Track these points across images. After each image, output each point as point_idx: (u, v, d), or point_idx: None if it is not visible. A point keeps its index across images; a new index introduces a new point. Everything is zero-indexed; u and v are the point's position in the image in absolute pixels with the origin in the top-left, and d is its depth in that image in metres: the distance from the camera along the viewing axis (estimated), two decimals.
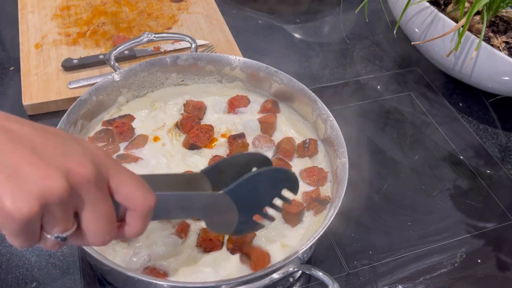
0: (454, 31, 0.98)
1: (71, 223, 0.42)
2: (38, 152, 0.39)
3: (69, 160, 0.40)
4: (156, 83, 0.92)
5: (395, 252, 0.83)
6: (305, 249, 0.65)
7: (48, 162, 0.39)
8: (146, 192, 0.45)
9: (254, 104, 0.92)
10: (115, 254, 0.69)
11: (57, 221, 0.41)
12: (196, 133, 0.84)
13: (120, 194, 0.44)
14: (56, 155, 0.40)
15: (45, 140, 0.40)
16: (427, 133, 1.04)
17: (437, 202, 0.91)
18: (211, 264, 0.69)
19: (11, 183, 0.37)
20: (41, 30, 1.13)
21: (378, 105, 1.09)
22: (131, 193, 0.44)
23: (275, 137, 0.87)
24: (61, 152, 0.40)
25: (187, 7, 1.24)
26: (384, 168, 0.96)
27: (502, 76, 0.99)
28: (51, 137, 0.41)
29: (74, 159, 0.40)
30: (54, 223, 0.40)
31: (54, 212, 0.39)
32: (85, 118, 0.83)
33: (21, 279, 0.75)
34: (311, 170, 0.81)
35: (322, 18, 1.35)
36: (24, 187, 0.37)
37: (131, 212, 0.45)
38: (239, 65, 0.92)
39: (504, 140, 1.06)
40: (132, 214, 0.46)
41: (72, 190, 0.40)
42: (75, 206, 0.41)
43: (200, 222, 0.74)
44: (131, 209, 0.45)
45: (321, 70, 1.17)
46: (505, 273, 0.82)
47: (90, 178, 0.41)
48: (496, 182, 0.96)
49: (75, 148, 0.42)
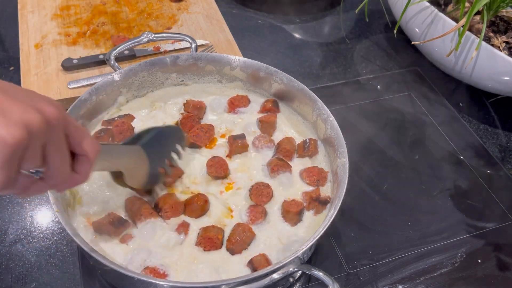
0: (454, 31, 0.98)
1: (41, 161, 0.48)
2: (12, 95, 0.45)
3: (38, 102, 0.47)
4: (156, 83, 0.92)
5: (395, 252, 0.83)
6: (305, 249, 0.65)
7: (24, 102, 0.45)
8: (94, 140, 0.54)
9: (254, 104, 0.92)
10: (115, 254, 0.69)
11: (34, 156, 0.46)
12: (197, 132, 0.84)
13: (75, 140, 0.51)
14: (27, 97, 0.47)
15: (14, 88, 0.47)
16: (427, 133, 1.04)
17: (437, 202, 0.91)
18: (211, 264, 0.69)
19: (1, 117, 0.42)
20: (41, 30, 1.13)
21: (378, 105, 1.09)
22: (84, 139, 0.52)
23: (275, 137, 0.87)
24: (29, 96, 0.47)
25: (187, 7, 1.24)
26: (384, 168, 0.96)
27: (502, 76, 0.99)
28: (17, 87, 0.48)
29: (42, 102, 0.47)
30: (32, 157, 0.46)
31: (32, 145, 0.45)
32: (85, 118, 0.82)
33: (21, 279, 0.75)
34: (311, 170, 0.81)
35: (322, 18, 1.35)
36: (11, 119, 0.43)
37: (82, 158, 0.53)
38: (239, 65, 0.92)
39: (504, 140, 1.06)
40: (83, 159, 0.53)
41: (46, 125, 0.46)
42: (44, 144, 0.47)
43: (199, 221, 0.74)
44: (83, 153, 0.52)
45: (321, 70, 1.17)
46: (505, 273, 0.82)
47: (59, 117, 0.48)
48: (496, 182, 0.96)
49: (39, 95, 0.49)
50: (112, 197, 0.75)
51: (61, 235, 0.80)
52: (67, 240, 0.80)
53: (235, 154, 0.83)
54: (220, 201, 0.77)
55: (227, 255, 0.71)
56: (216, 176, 0.79)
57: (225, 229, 0.73)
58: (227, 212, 0.76)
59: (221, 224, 0.74)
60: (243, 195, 0.78)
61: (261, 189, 0.77)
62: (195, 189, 0.78)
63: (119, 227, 0.71)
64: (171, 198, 0.75)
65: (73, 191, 0.76)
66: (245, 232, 0.72)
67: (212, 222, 0.74)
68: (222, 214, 0.75)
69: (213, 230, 0.71)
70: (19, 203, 0.84)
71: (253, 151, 0.85)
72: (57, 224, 0.82)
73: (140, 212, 0.72)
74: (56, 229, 0.81)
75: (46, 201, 0.85)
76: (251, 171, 0.82)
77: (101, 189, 0.76)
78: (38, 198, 0.85)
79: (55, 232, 0.81)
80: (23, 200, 0.85)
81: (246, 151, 0.84)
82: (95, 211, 0.74)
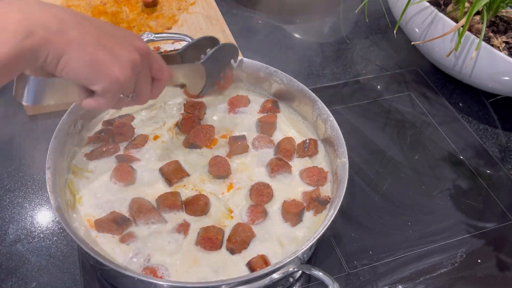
0: (454, 31, 0.98)
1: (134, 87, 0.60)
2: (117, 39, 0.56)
3: (133, 40, 0.58)
4: None
5: (395, 252, 0.83)
6: (305, 249, 0.65)
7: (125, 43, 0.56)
8: (167, 67, 0.64)
9: (254, 104, 0.92)
10: (115, 254, 0.69)
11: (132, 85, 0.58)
12: (197, 133, 0.84)
13: (155, 68, 0.62)
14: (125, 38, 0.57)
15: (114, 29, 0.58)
16: (427, 133, 1.04)
17: (437, 202, 0.91)
18: (211, 264, 0.70)
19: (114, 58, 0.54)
20: None
21: (378, 105, 1.09)
22: (160, 67, 0.63)
23: (275, 137, 0.87)
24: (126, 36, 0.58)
25: (187, 7, 1.24)
26: (384, 168, 0.96)
27: (502, 76, 0.99)
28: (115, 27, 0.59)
29: (135, 40, 0.58)
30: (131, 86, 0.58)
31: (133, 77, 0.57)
32: (85, 118, 0.83)
33: (21, 279, 0.75)
34: (311, 170, 0.81)
35: (322, 18, 1.35)
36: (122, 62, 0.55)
37: (157, 82, 0.64)
38: (239, 65, 0.92)
39: (504, 140, 1.06)
40: (158, 83, 0.64)
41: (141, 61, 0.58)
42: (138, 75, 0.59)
43: (200, 221, 0.74)
44: (159, 79, 0.64)
45: (321, 70, 1.17)
46: (505, 273, 0.82)
47: (148, 51, 0.60)
48: (496, 182, 0.96)
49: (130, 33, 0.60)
50: (113, 198, 0.75)
51: (61, 235, 0.80)
52: (67, 240, 0.80)
53: (235, 155, 0.83)
54: (221, 202, 0.77)
55: (227, 255, 0.71)
56: (218, 175, 0.79)
57: (225, 230, 0.73)
58: (227, 213, 0.76)
59: (221, 225, 0.74)
60: (243, 195, 0.78)
61: (261, 189, 0.77)
62: (199, 188, 0.78)
63: (122, 225, 0.71)
64: (173, 196, 0.75)
65: (73, 191, 0.76)
66: (245, 232, 0.72)
67: (212, 222, 0.74)
68: (222, 215, 0.76)
69: (213, 230, 0.72)
70: (19, 203, 0.84)
71: (253, 151, 0.85)
72: (57, 224, 0.82)
73: (140, 209, 0.72)
74: (56, 229, 0.81)
75: (46, 201, 0.85)
76: (251, 171, 0.82)
77: (102, 190, 0.76)
78: (38, 198, 0.85)
79: (55, 232, 0.81)
80: (23, 200, 0.85)
81: (246, 152, 0.84)
82: (95, 211, 0.74)
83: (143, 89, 0.62)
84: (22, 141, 0.93)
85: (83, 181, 0.77)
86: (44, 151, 0.73)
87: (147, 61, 0.60)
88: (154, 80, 0.64)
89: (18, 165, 0.90)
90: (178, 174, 0.78)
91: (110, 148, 0.81)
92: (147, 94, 0.63)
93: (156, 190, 0.77)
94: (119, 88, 0.56)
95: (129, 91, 0.59)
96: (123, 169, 0.77)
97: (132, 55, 0.56)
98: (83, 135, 0.83)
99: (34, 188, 0.87)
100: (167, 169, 0.78)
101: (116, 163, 0.80)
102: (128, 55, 0.56)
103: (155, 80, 0.64)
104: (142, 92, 0.62)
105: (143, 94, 0.62)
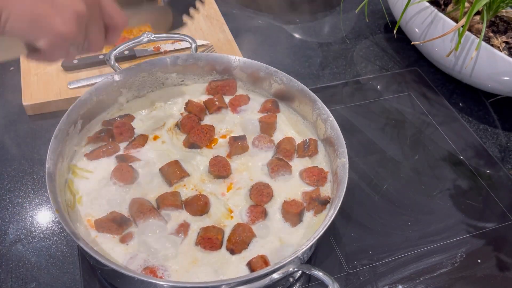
0: (454, 31, 0.98)
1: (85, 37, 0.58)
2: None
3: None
4: (156, 83, 0.92)
5: (395, 252, 0.83)
6: (305, 249, 0.65)
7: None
8: (122, 13, 0.62)
9: (255, 103, 0.92)
10: (115, 254, 0.69)
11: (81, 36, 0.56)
12: (197, 133, 0.84)
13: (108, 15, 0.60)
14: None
15: None
16: (427, 133, 1.04)
17: (437, 202, 0.91)
18: (211, 264, 0.69)
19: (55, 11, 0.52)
20: None
21: (378, 105, 1.09)
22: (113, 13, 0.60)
23: (275, 137, 0.87)
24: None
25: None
26: (384, 168, 0.96)
27: (502, 76, 0.99)
28: None
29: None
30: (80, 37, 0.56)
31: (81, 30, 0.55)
32: (85, 118, 0.82)
33: (21, 279, 0.75)
34: (311, 170, 0.81)
35: (322, 18, 1.35)
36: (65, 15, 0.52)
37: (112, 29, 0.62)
38: (239, 65, 0.92)
39: (504, 140, 1.06)
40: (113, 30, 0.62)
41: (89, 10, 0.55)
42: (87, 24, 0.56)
43: (200, 221, 0.74)
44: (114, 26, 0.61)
45: (321, 70, 1.17)
46: (505, 273, 0.82)
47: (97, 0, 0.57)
48: (496, 182, 0.96)
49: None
50: (113, 198, 0.75)
51: (61, 235, 0.80)
52: (67, 240, 0.80)
53: (235, 155, 0.83)
54: (221, 202, 0.77)
55: (227, 255, 0.71)
56: (218, 175, 0.79)
57: (225, 230, 0.73)
58: (227, 213, 0.76)
59: (221, 225, 0.74)
60: (243, 195, 0.78)
61: (261, 189, 0.77)
62: (199, 188, 0.78)
63: (122, 225, 0.71)
64: (173, 196, 0.75)
65: (73, 191, 0.76)
66: (245, 232, 0.72)
67: (212, 222, 0.74)
68: (222, 215, 0.76)
69: (213, 231, 0.72)
70: (19, 203, 0.84)
71: (253, 151, 0.85)
72: (57, 224, 0.82)
73: (140, 209, 0.72)
74: (56, 229, 0.81)
75: (46, 201, 0.85)
76: (251, 171, 0.82)
77: (102, 190, 0.76)
78: (38, 198, 0.85)
79: (55, 232, 0.81)
80: (23, 200, 0.85)
81: (247, 152, 0.84)
82: (95, 211, 0.74)
83: (96, 39, 0.60)
84: (22, 142, 0.93)
85: (83, 181, 0.77)
86: (44, 151, 0.73)
87: (96, 9, 0.58)
88: (108, 27, 0.62)
89: (18, 165, 0.90)
90: (178, 174, 0.78)
91: (110, 148, 0.81)
92: (101, 43, 0.61)
93: (156, 190, 0.77)
94: (64, 42, 0.54)
95: (79, 42, 0.57)
96: (123, 169, 0.77)
97: (76, 5, 0.53)
98: (83, 135, 0.83)
99: (34, 188, 0.87)
100: (167, 169, 0.78)
101: (116, 163, 0.80)
102: (72, 6, 0.53)
103: (109, 27, 0.62)
104: (95, 42, 0.60)
105: (96, 43, 0.60)
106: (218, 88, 0.92)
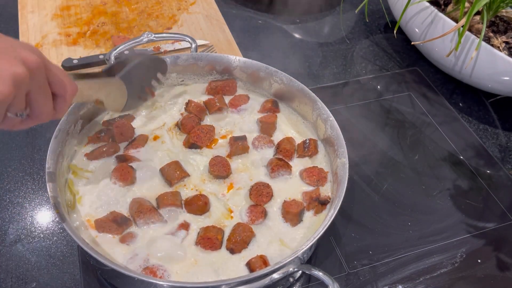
0: (454, 31, 0.98)
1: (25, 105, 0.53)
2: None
3: (21, 51, 0.51)
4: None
5: (395, 252, 0.83)
6: (305, 249, 0.65)
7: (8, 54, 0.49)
8: (71, 81, 0.58)
9: (255, 103, 0.92)
10: (115, 254, 0.69)
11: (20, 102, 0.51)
12: (197, 133, 0.84)
13: (55, 82, 0.56)
14: (10, 48, 0.50)
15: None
16: (427, 133, 1.04)
17: (437, 202, 0.91)
18: (211, 265, 0.70)
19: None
20: (41, 30, 1.13)
21: (378, 105, 1.09)
22: (62, 82, 0.57)
23: (275, 137, 0.87)
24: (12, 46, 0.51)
25: (187, 7, 1.24)
26: (384, 168, 0.96)
27: (502, 76, 0.99)
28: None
29: (24, 51, 0.51)
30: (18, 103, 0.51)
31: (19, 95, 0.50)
32: (85, 118, 0.83)
33: (21, 279, 0.75)
34: (311, 170, 0.81)
35: (322, 18, 1.35)
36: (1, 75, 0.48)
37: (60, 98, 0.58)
38: (239, 65, 0.92)
39: (504, 140, 1.06)
40: (61, 99, 0.58)
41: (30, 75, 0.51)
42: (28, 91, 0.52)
43: (200, 221, 0.74)
44: (62, 95, 0.57)
45: (321, 70, 1.17)
46: (505, 273, 0.82)
47: (40, 64, 0.52)
48: (496, 182, 0.96)
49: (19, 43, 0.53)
50: (113, 198, 0.75)
51: (61, 235, 0.80)
52: (67, 240, 0.80)
53: (235, 155, 0.83)
54: (221, 202, 0.77)
55: (227, 255, 0.71)
56: (218, 175, 0.79)
57: (225, 230, 0.73)
58: (227, 213, 0.76)
59: (221, 225, 0.74)
60: (243, 195, 0.78)
61: (261, 189, 0.77)
62: (200, 188, 0.78)
63: (122, 225, 0.71)
64: (173, 196, 0.75)
65: (73, 191, 0.76)
66: (245, 232, 0.72)
67: (212, 222, 0.74)
68: (222, 215, 0.76)
69: (213, 230, 0.72)
70: (19, 203, 0.84)
71: (253, 151, 0.85)
72: (57, 224, 0.82)
73: (140, 209, 0.72)
74: (56, 229, 0.81)
75: (46, 201, 0.85)
76: (251, 171, 0.82)
77: (102, 190, 0.76)
78: (38, 198, 0.85)
79: (55, 232, 0.81)
80: (23, 200, 0.85)
81: (247, 152, 0.84)
82: (95, 211, 0.74)
83: (40, 107, 0.55)
84: (22, 142, 0.93)
85: (83, 181, 0.77)
86: (44, 151, 0.73)
87: (41, 76, 0.53)
88: (55, 96, 0.57)
89: (18, 165, 0.90)
90: (179, 174, 0.78)
91: (110, 148, 0.81)
92: (48, 112, 0.56)
93: (156, 190, 0.77)
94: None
95: (18, 109, 0.52)
96: (123, 169, 0.77)
97: (14, 68, 0.49)
98: (83, 135, 0.83)
99: (34, 188, 0.87)
100: (167, 169, 0.78)
101: (116, 163, 0.80)
102: (9, 69, 0.48)
103: (57, 97, 0.58)
104: (39, 110, 0.55)
105: (41, 112, 0.55)
106: (218, 88, 0.92)
